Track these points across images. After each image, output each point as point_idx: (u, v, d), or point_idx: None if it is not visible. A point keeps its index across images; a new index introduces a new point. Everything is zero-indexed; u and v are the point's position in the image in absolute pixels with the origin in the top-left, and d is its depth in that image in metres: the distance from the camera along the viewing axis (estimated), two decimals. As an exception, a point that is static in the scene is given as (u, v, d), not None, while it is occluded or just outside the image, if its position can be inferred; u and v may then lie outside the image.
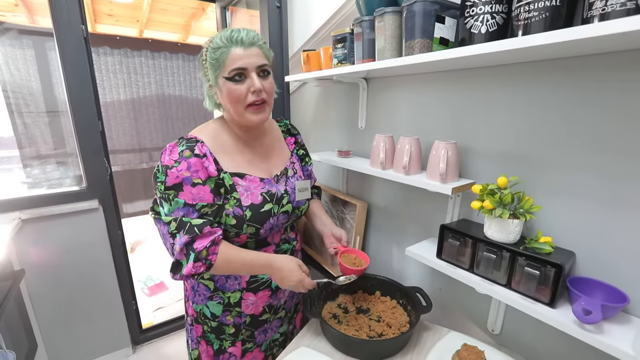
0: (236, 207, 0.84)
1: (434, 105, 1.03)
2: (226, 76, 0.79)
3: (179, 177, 0.77)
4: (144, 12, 3.17)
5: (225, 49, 0.78)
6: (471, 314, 1.04)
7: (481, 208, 0.81)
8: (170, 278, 0.81)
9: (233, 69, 0.78)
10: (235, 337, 0.98)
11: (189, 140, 0.81)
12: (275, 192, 0.91)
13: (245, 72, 0.80)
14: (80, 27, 1.44)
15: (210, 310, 0.95)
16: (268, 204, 0.88)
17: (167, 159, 0.78)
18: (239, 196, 0.85)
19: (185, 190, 0.77)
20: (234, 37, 0.78)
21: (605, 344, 0.62)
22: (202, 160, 0.79)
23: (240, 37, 0.78)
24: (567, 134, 0.74)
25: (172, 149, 0.80)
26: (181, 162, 0.77)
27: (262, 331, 1.02)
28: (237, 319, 0.96)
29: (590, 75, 0.69)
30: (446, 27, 0.82)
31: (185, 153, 0.78)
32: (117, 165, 3.68)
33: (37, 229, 1.50)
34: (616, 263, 0.71)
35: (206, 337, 0.99)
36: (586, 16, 0.57)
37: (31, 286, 1.52)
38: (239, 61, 0.78)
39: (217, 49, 0.78)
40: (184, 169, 0.77)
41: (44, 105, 2.50)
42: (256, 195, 0.87)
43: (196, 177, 0.78)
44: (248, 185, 0.87)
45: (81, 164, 1.58)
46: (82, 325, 1.69)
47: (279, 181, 0.95)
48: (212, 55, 0.79)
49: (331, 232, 1.03)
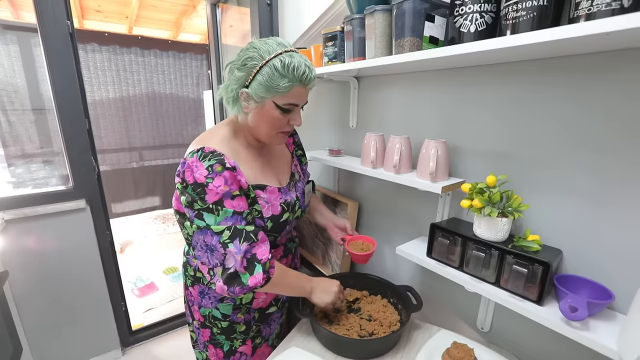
0: (258, 219, 0.84)
1: (425, 104, 1.04)
2: (279, 104, 0.78)
3: (218, 194, 0.74)
4: (133, 8, 3.12)
5: (292, 82, 0.76)
6: (461, 312, 1.05)
7: (470, 207, 0.81)
8: (223, 291, 0.75)
9: (291, 103, 0.79)
10: (246, 335, 0.98)
11: (214, 154, 0.77)
12: (290, 201, 0.92)
13: (296, 107, 0.82)
14: (65, 22, 1.40)
15: (220, 311, 0.94)
16: (286, 213, 0.90)
17: (197, 176, 0.74)
18: (260, 208, 0.84)
19: (227, 204, 0.75)
20: (304, 77, 0.77)
21: (590, 340, 0.62)
22: (234, 174, 0.78)
23: (309, 78, 0.78)
24: (554, 132, 0.75)
25: (196, 164, 0.75)
26: (215, 177, 0.74)
27: (267, 324, 1.02)
28: (247, 315, 0.96)
29: (577, 75, 0.70)
30: (436, 25, 0.82)
31: (217, 168, 0.75)
32: (107, 165, 3.61)
33: (22, 230, 1.46)
34: (601, 260, 0.72)
35: (215, 341, 0.97)
36: (573, 16, 0.57)
37: (15, 288, 1.48)
38: (298, 98, 0.79)
39: (284, 77, 0.75)
40: (222, 184, 0.74)
41: (29, 102, 2.44)
42: (276, 207, 0.87)
43: (234, 189, 0.77)
44: (269, 197, 0.86)
45: (67, 163, 1.54)
46: (69, 327, 1.66)
47: (290, 188, 0.95)
48: (273, 77, 0.75)
49: (333, 223, 1.04)
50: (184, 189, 0.76)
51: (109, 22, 3.34)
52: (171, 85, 3.87)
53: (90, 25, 3.34)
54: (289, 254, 1.04)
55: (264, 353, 1.04)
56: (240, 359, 1.00)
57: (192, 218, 0.76)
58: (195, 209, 0.75)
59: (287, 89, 0.76)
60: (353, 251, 1.00)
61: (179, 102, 3.95)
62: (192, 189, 0.75)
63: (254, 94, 0.78)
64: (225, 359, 0.98)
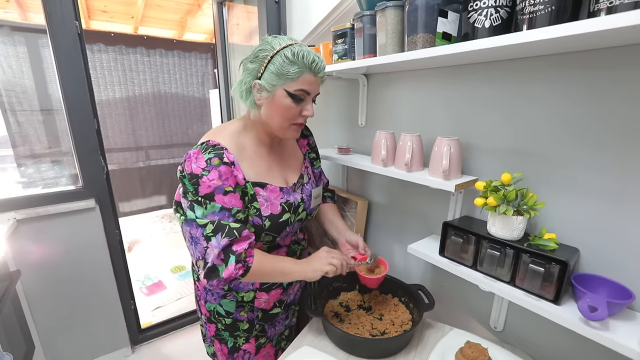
0: (256, 216, 0.84)
1: (436, 102, 1.02)
2: (289, 91, 0.79)
3: (210, 187, 0.76)
4: (138, 8, 3.12)
5: (301, 69, 0.77)
6: (474, 311, 1.04)
7: (485, 205, 0.80)
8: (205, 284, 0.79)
9: (301, 89, 0.79)
10: (249, 333, 0.98)
11: (215, 148, 0.79)
12: (293, 202, 0.91)
13: (307, 96, 0.82)
14: (74, 23, 1.41)
15: (224, 308, 0.95)
16: (286, 213, 0.89)
17: (194, 167, 0.76)
18: (259, 206, 0.84)
19: (218, 199, 0.76)
20: (314, 65, 0.78)
21: (611, 340, 0.61)
22: (231, 169, 0.79)
23: (319, 67, 0.79)
24: (570, 130, 0.74)
25: (196, 156, 0.78)
26: (211, 170, 0.76)
27: (271, 325, 1.02)
28: (250, 314, 0.96)
29: (595, 71, 0.69)
30: (449, 21, 0.81)
31: (214, 161, 0.76)
32: (114, 164, 3.64)
33: (33, 229, 1.47)
34: (620, 259, 0.70)
35: (219, 336, 0.99)
36: (593, 9, 0.56)
37: (28, 287, 1.50)
38: (308, 85, 0.80)
39: (293, 64, 0.76)
40: (215, 178, 0.76)
41: (37, 103, 2.46)
42: (276, 206, 0.87)
43: (227, 185, 0.77)
44: (268, 196, 0.86)
45: (77, 163, 1.55)
46: (80, 325, 1.67)
47: (295, 189, 0.94)
48: (283, 64, 0.76)
49: (346, 239, 1.01)
50: (182, 178, 0.78)
51: (115, 22, 3.36)
52: (177, 85, 3.88)
53: (96, 25, 3.36)
54: (292, 256, 1.01)
55: (269, 353, 1.04)
56: (244, 356, 1.00)
57: (185, 208, 0.79)
58: (189, 200, 0.78)
59: (297, 74, 0.77)
60: (364, 274, 0.93)
61: (184, 102, 3.96)
62: (188, 179, 0.77)
63: (266, 84, 0.79)
64: (230, 355, 0.99)
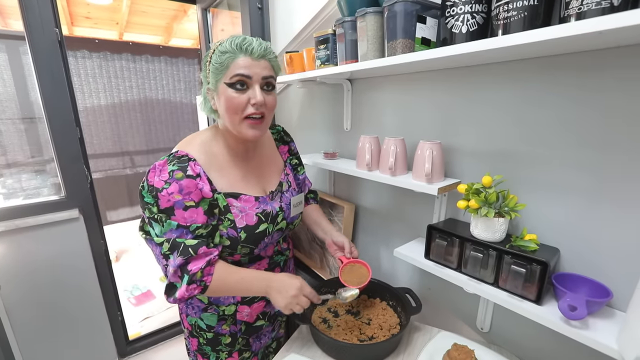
0: (230, 228, 0.80)
1: (418, 106, 1.03)
2: (227, 82, 0.74)
3: (170, 201, 0.72)
4: (123, 14, 3.09)
5: (232, 54, 0.73)
6: (460, 312, 1.05)
7: (467, 207, 0.81)
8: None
9: (236, 74, 0.73)
10: (231, 347, 0.96)
11: (180, 159, 0.75)
12: (270, 211, 0.87)
13: (249, 81, 0.75)
14: (53, 30, 1.39)
15: (205, 322, 0.93)
16: (263, 224, 0.85)
17: (156, 180, 0.72)
18: (233, 217, 0.80)
19: (177, 214, 0.73)
20: (244, 46, 0.73)
21: (590, 339, 0.62)
22: (195, 182, 0.74)
23: (251, 47, 0.73)
24: (548, 131, 0.75)
25: (161, 168, 0.74)
26: (172, 183, 0.72)
27: (256, 338, 1.00)
28: (233, 327, 0.94)
29: (570, 73, 0.70)
30: (427, 27, 0.82)
31: (177, 174, 0.72)
32: (99, 172, 3.58)
33: (13, 242, 1.43)
34: (599, 258, 0.72)
35: (202, 351, 0.96)
36: (563, 15, 0.57)
37: (7, 300, 1.45)
38: (244, 69, 0.74)
39: (224, 53, 0.73)
40: (175, 192, 0.72)
41: (19, 111, 2.40)
42: (251, 216, 0.83)
43: (188, 199, 0.73)
44: (243, 206, 0.82)
45: (59, 172, 1.52)
46: (64, 338, 1.63)
47: (273, 198, 0.90)
48: (217, 59, 0.74)
49: (332, 240, 1.00)
50: (141, 190, 0.75)
51: (99, 28, 3.32)
52: (163, 91, 3.86)
53: (80, 32, 3.31)
54: (275, 267, 0.98)
55: None
56: None
57: (145, 222, 0.77)
58: (147, 216, 0.75)
59: (229, 60, 0.73)
60: (346, 283, 0.93)
61: (171, 108, 3.93)
62: (148, 191, 0.73)
63: (212, 85, 0.78)
64: None
